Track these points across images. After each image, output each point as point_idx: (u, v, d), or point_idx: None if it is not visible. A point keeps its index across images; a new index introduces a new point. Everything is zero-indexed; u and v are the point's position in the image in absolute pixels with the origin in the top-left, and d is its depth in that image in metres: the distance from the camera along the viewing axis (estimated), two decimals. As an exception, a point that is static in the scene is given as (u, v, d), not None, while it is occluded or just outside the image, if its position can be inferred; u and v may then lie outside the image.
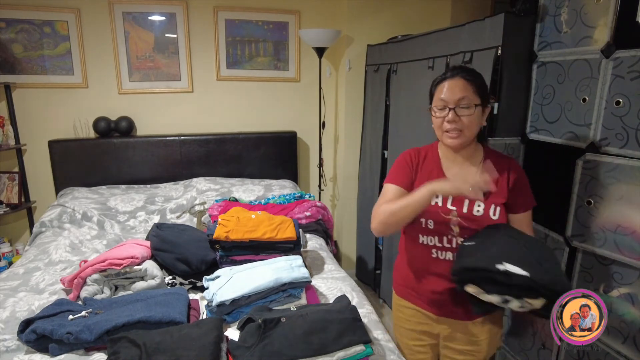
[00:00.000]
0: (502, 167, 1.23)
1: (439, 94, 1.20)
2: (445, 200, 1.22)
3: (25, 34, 2.56)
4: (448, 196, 1.21)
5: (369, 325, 1.30)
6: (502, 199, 1.21)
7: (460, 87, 1.17)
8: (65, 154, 2.64)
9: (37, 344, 1.20)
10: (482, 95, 1.19)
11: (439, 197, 1.22)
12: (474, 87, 1.17)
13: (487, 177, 1.09)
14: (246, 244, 1.61)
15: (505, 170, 1.23)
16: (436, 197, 1.22)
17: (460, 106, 1.16)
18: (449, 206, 1.21)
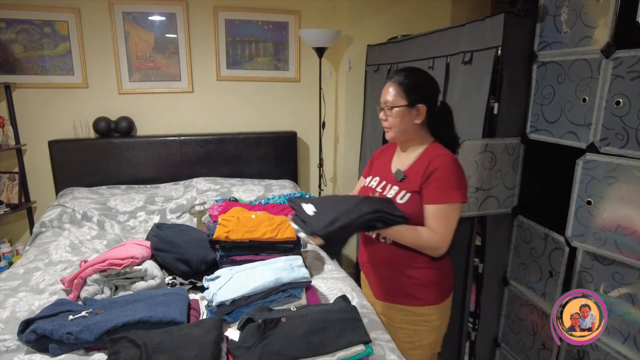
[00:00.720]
0: (426, 160, 1.34)
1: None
2: (379, 184, 1.44)
3: (25, 34, 2.56)
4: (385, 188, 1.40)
5: (369, 325, 1.30)
6: (414, 187, 1.33)
7: (387, 90, 1.35)
8: (65, 154, 2.64)
9: (37, 344, 1.19)
10: (410, 96, 1.32)
11: (376, 180, 1.46)
12: (401, 89, 1.33)
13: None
14: (246, 244, 1.61)
15: (426, 164, 1.33)
16: (374, 181, 1.47)
17: (387, 108, 1.35)
18: (378, 188, 1.43)
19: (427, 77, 1.37)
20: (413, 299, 1.38)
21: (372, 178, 1.49)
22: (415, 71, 1.36)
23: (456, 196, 1.28)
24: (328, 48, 2.73)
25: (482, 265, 1.78)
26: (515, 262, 1.76)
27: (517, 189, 1.73)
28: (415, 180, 1.32)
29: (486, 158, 1.63)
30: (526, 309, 1.70)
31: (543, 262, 1.59)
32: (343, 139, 3.05)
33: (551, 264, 1.55)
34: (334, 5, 2.98)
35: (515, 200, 1.74)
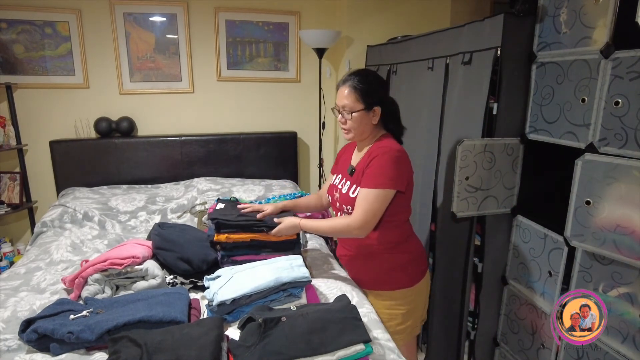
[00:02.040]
0: (370, 155, 1.42)
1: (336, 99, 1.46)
2: (341, 181, 1.53)
3: (26, 34, 2.57)
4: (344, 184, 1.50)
5: (368, 324, 1.31)
6: (359, 180, 1.42)
7: (344, 95, 1.40)
8: (66, 154, 2.65)
9: (38, 343, 1.20)
10: (366, 100, 1.39)
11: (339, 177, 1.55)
12: (358, 94, 1.38)
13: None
14: (247, 244, 1.61)
15: (369, 155, 1.42)
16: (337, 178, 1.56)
17: (345, 111, 1.41)
18: (339, 185, 1.53)
19: (379, 78, 1.48)
20: (387, 284, 1.50)
21: (337, 176, 1.59)
22: (368, 74, 1.44)
23: (383, 183, 1.36)
24: (328, 49, 2.73)
25: (482, 265, 1.78)
26: (515, 261, 1.77)
27: (516, 189, 1.73)
28: (360, 173, 1.43)
29: (485, 158, 1.64)
30: (525, 309, 1.70)
31: (542, 262, 1.59)
32: (343, 139, 3.05)
33: (550, 264, 1.55)
34: (334, 5, 2.99)
35: (514, 200, 1.74)
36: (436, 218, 1.99)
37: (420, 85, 2.15)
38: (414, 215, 2.20)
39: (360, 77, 1.41)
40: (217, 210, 1.65)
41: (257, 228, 1.60)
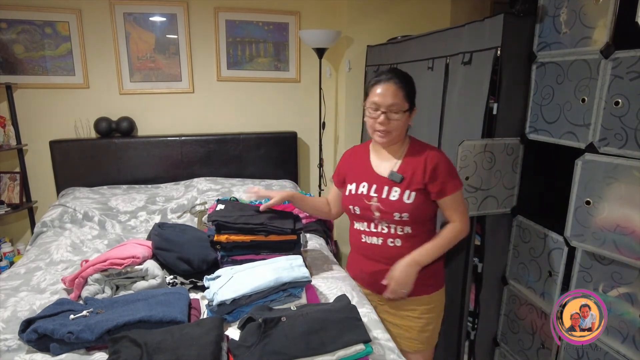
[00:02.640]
0: (420, 157, 1.38)
1: (372, 96, 1.33)
2: (370, 189, 1.40)
3: (26, 34, 2.57)
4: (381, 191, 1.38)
5: (368, 324, 1.31)
6: (417, 185, 1.35)
7: (392, 93, 1.31)
8: (66, 154, 2.65)
9: (38, 343, 1.20)
10: (410, 100, 1.35)
11: (364, 186, 1.42)
12: (404, 93, 1.32)
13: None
14: (247, 244, 1.61)
15: (422, 160, 1.37)
16: (363, 187, 1.42)
17: (391, 111, 1.32)
18: (371, 194, 1.39)
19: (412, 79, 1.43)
20: (429, 287, 1.46)
21: (358, 185, 1.44)
22: (406, 74, 1.40)
23: (459, 183, 1.39)
24: (328, 49, 2.73)
25: (482, 265, 1.79)
26: (515, 261, 1.77)
27: (516, 189, 1.73)
28: (416, 178, 1.36)
29: (485, 158, 1.64)
30: (525, 309, 1.70)
31: (542, 262, 1.59)
32: (343, 139, 3.05)
33: (550, 264, 1.55)
34: (334, 5, 2.99)
35: (514, 200, 1.74)
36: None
37: (421, 85, 2.14)
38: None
39: (402, 76, 1.36)
40: (217, 212, 1.65)
41: (257, 231, 1.59)
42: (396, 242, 1.40)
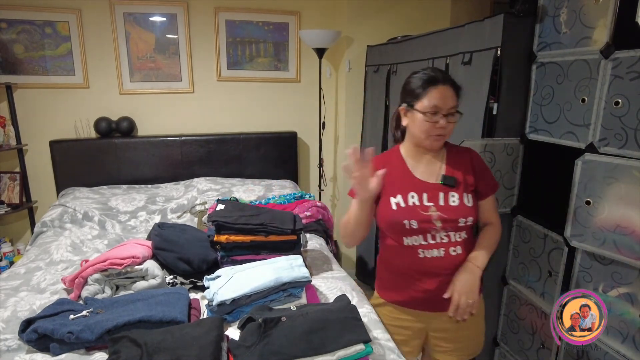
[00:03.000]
0: (464, 157, 1.32)
1: (432, 99, 1.20)
2: (422, 199, 1.26)
3: (26, 34, 2.57)
4: (436, 198, 1.25)
5: (368, 324, 1.31)
6: (471, 186, 1.29)
7: (451, 95, 1.23)
8: (66, 154, 2.65)
9: (38, 343, 1.20)
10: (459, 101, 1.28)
11: (414, 196, 1.26)
12: (457, 94, 1.26)
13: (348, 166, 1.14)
14: (247, 244, 1.61)
15: (467, 160, 1.31)
16: (412, 198, 1.25)
17: (451, 114, 1.22)
18: (425, 203, 1.25)
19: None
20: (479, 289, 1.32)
21: (405, 196, 1.26)
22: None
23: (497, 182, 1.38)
24: (328, 49, 2.73)
25: (482, 265, 1.78)
26: (515, 261, 1.77)
27: (516, 189, 1.73)
28: (468, 180, 1.29)
29: (485, 158, 1.64)
30: (525, 309, 1.70)
31: (542, 262, 1.59)
32: (343, 139, 3.05)
33: (550, 264, 1.55)
34: (334, 5, 2.99)
35: (514, 200, 1.74)
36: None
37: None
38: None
39: (451, 77, 1.27)
40: (217, 212, 1.65)
41: (257, 232, 1.60)
42: (457, 249, 1.27)
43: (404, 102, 1.26)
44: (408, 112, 1.26)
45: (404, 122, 1.28)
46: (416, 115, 1.22)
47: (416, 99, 1.22)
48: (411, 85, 1.24)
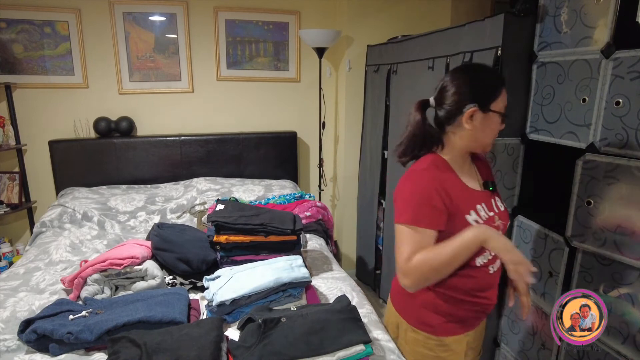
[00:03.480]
0: (481, 160, 1.30)
1: (503, 99, 1.09)
2: (485, 210, 1.15)
3: (25, 34, 2.56)
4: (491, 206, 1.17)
5: (369, 325, 1.31)
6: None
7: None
8: (65, 154, 2.64)
9: (37, 343, 1.20)
10: None
11: (481, 210, 1.13)
12: None
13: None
14: (246, 244, 1.61)
15: (485, 161, 1.32)
16: (481, 211, 1.13)
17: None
18: (489, 213, 1.15)
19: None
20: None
21: (477, 211, 1.12)
22: None
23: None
24: (328, 48, 2.73)
25: (482, 266, 1.78)
26: (515, 262, 1.76)
27: (517, 189, 1.73)
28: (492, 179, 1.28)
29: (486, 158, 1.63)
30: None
31: (543, 262, 1.59)
32: (343, 139, 3.05)
33: (551, 264, 1.55)
34: (334, 5, 2.98)
35: (515, 200, 1.74)
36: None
37: (421, 85, 2.15)
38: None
39: None
40: (217, 212, 1.65)
41: (257, 232, 1.60)
42: (494, 266, 1.19)
43: (474, 103, 1.07)
44: (476, 114, 1.08)
45: (467, 126, 1.09)
46: (491, 118, 1.09)
47: (492, 99, 1.08)
48: (485, 84, 1.09)
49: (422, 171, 1.11)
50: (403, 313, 1.24)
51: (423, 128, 1.14)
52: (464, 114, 1.08)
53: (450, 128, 1.13)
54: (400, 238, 1.07)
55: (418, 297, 1.19)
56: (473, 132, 1.10)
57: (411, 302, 1.21)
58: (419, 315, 1.21)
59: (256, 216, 1.65)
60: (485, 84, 1.10)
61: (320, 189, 3.08)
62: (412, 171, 1.14)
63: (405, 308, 1.24)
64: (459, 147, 1.14)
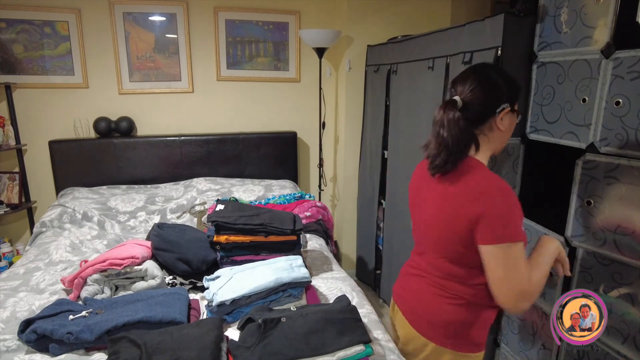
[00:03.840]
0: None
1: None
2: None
3: (25, 34, 2.56)
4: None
5: (369, 325, 1.31)
6: None
7: None
8: (65, 154, 2.64)
9: (37, 343, 1.20)
10: None
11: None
12: None
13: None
14: (247, 244, 1.61)
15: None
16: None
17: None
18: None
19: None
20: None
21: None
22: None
23: None
24: (328, 48, 2.73)
25: (482, 266, 1.78)
26: (515, 262, 1.76)
27: (517, 189, 1.73)
28: None
29: (486, 158, 1.63)
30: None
31: (543, 262, 1.59)
32: (343, 139, 3.05)
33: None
34: (334, 5, 2.98)
35: (515, 200, 1.74)
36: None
37: (421, 85, 2.15)
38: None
39: None
40: (217, 212, 1.65)
41: (257, 232, 1.60)
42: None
43: (507, 103, 1.06)
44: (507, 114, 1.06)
45: (500, 127, 1.06)
46: (513, 117, 1.09)
47: (517, 99, 1.09)
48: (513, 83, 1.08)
49: (501, 181, 1.02)
50: (452, 342, 1.14)
51: (466, 127, 1.04)
52: (497, 115, 1.05)
53: (479, 130, 1.07)
54: (515, 258, 0.98)
55: (480, 316, 1.12)
56: (504, 133, 1.08)
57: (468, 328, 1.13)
58: (476, 336, 1.14)
59: (256, 216, 1.65)
60: (511, 85, 1.08)
61: (320, 189, 3.08)
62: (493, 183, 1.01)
63: (460, 336, 1.13)
64: (491, 149, 1.11)
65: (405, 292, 1.24)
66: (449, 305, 1.11)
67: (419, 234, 1.22)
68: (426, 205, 1.15)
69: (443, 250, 1.10)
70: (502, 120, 1.06)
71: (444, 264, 1.11)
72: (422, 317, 1.17)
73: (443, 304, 1.12)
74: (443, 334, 1.13)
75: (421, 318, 1.17)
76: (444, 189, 1.08)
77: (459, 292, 1.10)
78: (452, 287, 1.11)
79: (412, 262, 1.26)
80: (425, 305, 1.16)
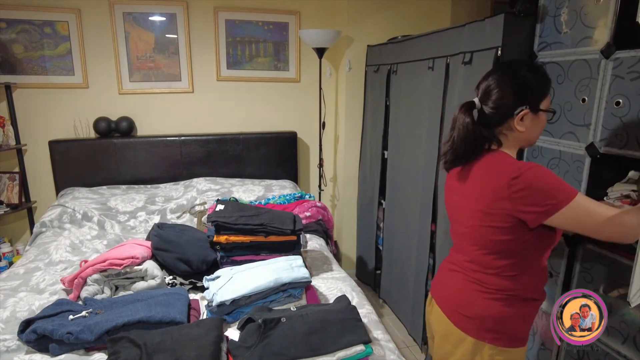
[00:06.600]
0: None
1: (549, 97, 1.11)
2: None
3: (25, 34, 2.56)
4: None
5: (369, 325, 1.31)
6: None
7: None
8: (65, 154, 2.64)
9: (37, 344, 1.20)
10: None
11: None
12: None
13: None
14: (247, 244, 1.61)
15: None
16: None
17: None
18: None
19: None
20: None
21: None
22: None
23: None
24: (328, 48, 2.73)
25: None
26: (515, 262, 1.76)
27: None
28: None
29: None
30: (526, 309, 1.70)
31: (543, 262, 1.59)
32: (343, 139, 3.05)
33: (551, 264, 1.55)
34: (334, 5, 2.98)
35: (515, 200, 1.74)
36: (436, 218, 1.98)
37: (421, 85, 2.15)
38: (414, 215, 2.20)
39: None
40: (217, 212, 1.65)
41: (257, 232, 1.60)
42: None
43: (527, 104, 1.06)
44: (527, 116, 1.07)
45: (520, 128, 1.07)
46: (541, 116, 1.09)
47: (541, 99, 1.08)
48: (533, 85, 1.07)
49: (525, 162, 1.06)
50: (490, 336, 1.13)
51: (474, 131, 1.09)
52: (515, 117, 1.06)
53: (501, 129, 1.10)
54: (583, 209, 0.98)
55: (520, 310, 1.13)
56: (525, 133, 1.09)
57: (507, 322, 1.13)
58: (515, 331, 1.14)
59: (256, 216, 1.65)
60: (532, 85, 1.07)
61: (320, 189, 3.08)
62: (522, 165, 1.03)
63: (498, 330, 1.12)
64: (516, 146, 1.13)
65: (443, 287, 1.25)
66: (486, 300, 1.12)
67: (456, 231, 1.23)
68: (461, 202, 1.17)
69: (481, 243, 1.11)
70: (523, 120, 1.07)
71: (482, 258, 1.12)
72: (459, 311, 1.17)
73: (480, 299, 1.13)
74: (481, 327, 1.13)
75: (458, 312, 1.17)
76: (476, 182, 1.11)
77: (498, 285, 1.10)
78: (490, 281, 1.11)
79: (451, 258, 1.26)
80: (462, 300, 1.17)
